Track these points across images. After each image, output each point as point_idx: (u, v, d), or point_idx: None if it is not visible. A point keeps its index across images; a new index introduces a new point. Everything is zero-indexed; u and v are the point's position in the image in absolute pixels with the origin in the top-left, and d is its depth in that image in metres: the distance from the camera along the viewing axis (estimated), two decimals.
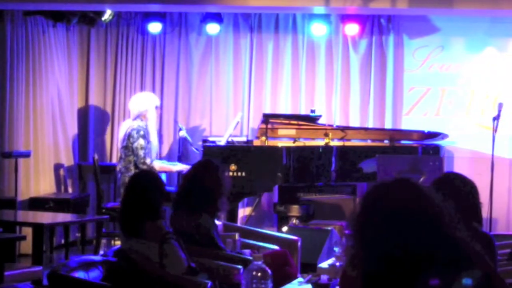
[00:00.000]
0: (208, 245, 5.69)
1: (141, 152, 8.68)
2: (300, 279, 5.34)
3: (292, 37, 10.35)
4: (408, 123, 10.15)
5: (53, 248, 9.34)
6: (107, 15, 9.71)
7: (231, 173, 8.57)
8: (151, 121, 8.93)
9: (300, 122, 9.59)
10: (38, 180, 9.69)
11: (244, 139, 9.86)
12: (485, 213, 5.17)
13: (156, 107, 9.07)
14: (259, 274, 4.04)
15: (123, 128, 9.04)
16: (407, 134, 9.78)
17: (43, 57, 9.72)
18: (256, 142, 9.55)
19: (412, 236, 2.38)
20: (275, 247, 6.31)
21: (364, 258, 2.44)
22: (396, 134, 9.74)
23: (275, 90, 10.39)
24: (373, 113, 10.22)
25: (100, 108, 10.47)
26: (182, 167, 9.07)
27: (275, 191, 9.59)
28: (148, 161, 8.68)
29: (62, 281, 4.50)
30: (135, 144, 8.69)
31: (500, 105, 9.15)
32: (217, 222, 6.04)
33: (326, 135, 9.38)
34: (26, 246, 8.55)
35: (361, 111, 10.26)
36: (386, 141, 9.79)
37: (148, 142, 8.77)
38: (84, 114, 10.42)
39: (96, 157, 9.41)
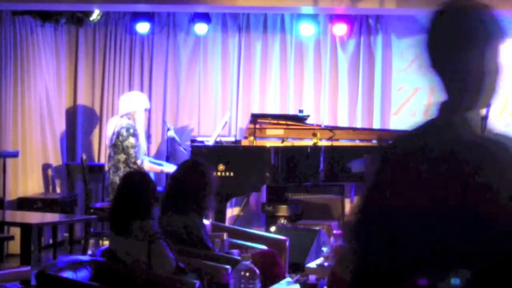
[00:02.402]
0: (197, 245, 5.69)
1: (131, 151, 8.64)
2: (288, 279, 5.35)
3: (281, 37, 10.36)
4: (396, 123, 10.15)
5: (41, 248, 9.31)
6: (95, 15, 9.70)
7: (219, 173, 8.55)
8: (139, 122, 8.90)
9: (288, 122, 9.59)
10: (26, 180, 9.66)
11: (232, 139, 9.85)
12: None
13: (145, 110, 9.06)
14: (247, 274, 4.04)
15: (111, 125, 9.00)
16: (396, 134, 9.78)
17: (31, 56, 9.70)
18: (244, 142, 9.54)
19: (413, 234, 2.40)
20: (263, 247, 6.32)
21: (362, 257, 2.45)
22: (384, 134, 9.75)
23: (263, 90, 10.38)
24: (362, 113, 10.23)
25: (88, 108, 10.45)
26: (170, 168, 9.04)
27: (263, 191, 9.60)
28: (139, 162, 8.66)
29: (50, 281, 4.50)
30: (126, 143, 8.64)
31: (489, 106, 9.16)
32: (205, 222, 6.04)
33: (314, 135, 9.38)
34: (14, 246, 8.54)
35: (350, 111, 10.27)
36: (374, 141, 9.80)
37: (137, 141, 8.75)
38: (72, 114, 10.40)
39: (84, 157, 9.39)
